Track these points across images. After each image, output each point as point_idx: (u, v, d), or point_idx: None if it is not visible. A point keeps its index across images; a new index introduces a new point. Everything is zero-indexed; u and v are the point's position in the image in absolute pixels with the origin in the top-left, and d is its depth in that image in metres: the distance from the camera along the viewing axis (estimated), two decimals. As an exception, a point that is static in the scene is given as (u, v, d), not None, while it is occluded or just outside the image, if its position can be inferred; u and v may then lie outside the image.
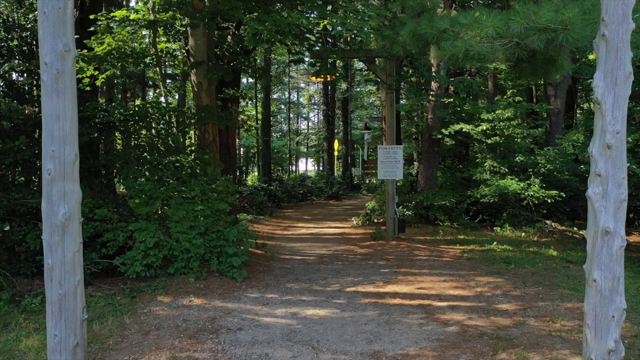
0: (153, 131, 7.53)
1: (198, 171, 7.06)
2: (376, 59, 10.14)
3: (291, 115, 40.12)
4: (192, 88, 8.19)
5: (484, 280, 6.35)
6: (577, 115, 18.83)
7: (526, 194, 11.47)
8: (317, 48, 7.68)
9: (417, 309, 5.14)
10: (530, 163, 12.09)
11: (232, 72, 9.33)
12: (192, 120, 7.96)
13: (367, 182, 24.55)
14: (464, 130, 11.84)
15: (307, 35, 7.10)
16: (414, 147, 18.60)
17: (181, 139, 7.74)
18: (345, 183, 25.98)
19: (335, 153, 31.63)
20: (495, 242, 9.42)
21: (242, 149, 35.38)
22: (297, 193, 21.32)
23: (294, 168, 42.07)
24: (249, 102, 32.92)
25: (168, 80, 12.92)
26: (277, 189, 20.04)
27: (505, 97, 12.75)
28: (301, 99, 44.05)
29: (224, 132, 10.02)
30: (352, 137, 31.49)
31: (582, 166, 12.69)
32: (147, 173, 6.68)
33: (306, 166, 46.86)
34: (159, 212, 6.45)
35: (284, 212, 16.71)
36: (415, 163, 17.64)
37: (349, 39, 7.78)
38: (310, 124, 46.82)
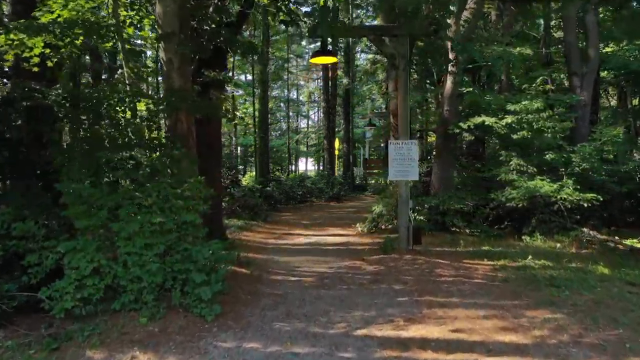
0: (108, 120, 5.94)
1: (169, 170, 5.50)
2: (386, 38, 8.57)
3: (291, 114, 38.60)
4: (161, 67, 6.62)
5: (538, 317, 4.76)
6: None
7: (558, 197, 9.89)
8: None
9: (460, 370, 3.56)
10: (563, 161, 10.50)
11: (215, 50, 7.77)
12: (161, 107, 6.36)
13: (373, 182, 22.87)
14: (486, 123, 10.24)
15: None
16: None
17: (145, 131, 6.13)
18: (347, 183, 24.41)
19: (336, 152, 30.02)
20: (530, 256, 7.84)
21: (239, 148, 33.83)
22: (295, 194, 19.76)
23: (293, 168, 40.55)
24: (247, 99, 31.43)
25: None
26: (275, 189, 18.49)
27: (534, 85, 11.14)
28: (301, 97, 42.53)
29: (205, 124, 8.43)
30: (353, 135, 29.92)
31: (610, 165, 11.09)
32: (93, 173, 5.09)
33: (306, 166, 45.25)
34: (108, 224, 4.85)
35: (281, 216, 15.14)
36: (421, 162, 16.04)
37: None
38: (310, 122, 45.29)
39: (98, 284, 4.34)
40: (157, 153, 5.64)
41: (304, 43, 35.33)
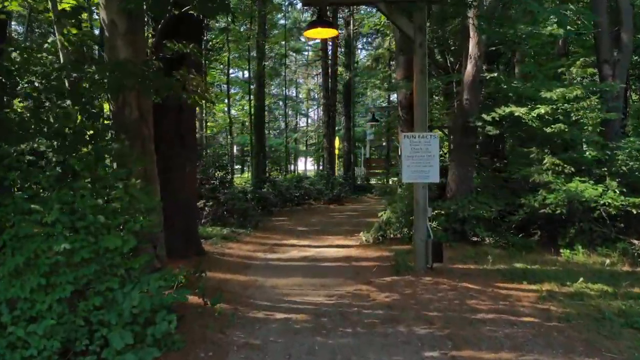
0: (24, 100, 4.32)
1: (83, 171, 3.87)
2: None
3: (290, 112, 37.01)
4: (104, 34, 4.99)
5: (645, 393, 3.15)
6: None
7: (601, 201, 8.27)
8: None
9: None
10: (605, 160, 8.88)
11: (184, 16, 6.14)
12: (103, 84, 4.74)
13: (380, 182, 21.15)
14: (516, 114, 8.60)
15: None
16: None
17: (80, 116, 4.50)
18: (348, 184, 22.75)
19: (336, 151, 28.39)
20: (580, 278, 6.21)
21: (235, 147, 32.19)
22: (292, 196, 18.13)
23: (293, 167, 38.95)
24: (244, 96, 29.79)
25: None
26: (270, 191, 16.86)
27: (573, 68, 9.52)
28: (300, 95, 40.98)
29: (175, 113, 6.83)
30: (354, 133, 28.28)
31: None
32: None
33: (305, 165, 43.65)
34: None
35: (275, 221, 13.51)
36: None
37: None
38: (309, 121, 43.74)
39: (-46, 353, 2.72)
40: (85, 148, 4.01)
41: (302, 39, 33.75)
